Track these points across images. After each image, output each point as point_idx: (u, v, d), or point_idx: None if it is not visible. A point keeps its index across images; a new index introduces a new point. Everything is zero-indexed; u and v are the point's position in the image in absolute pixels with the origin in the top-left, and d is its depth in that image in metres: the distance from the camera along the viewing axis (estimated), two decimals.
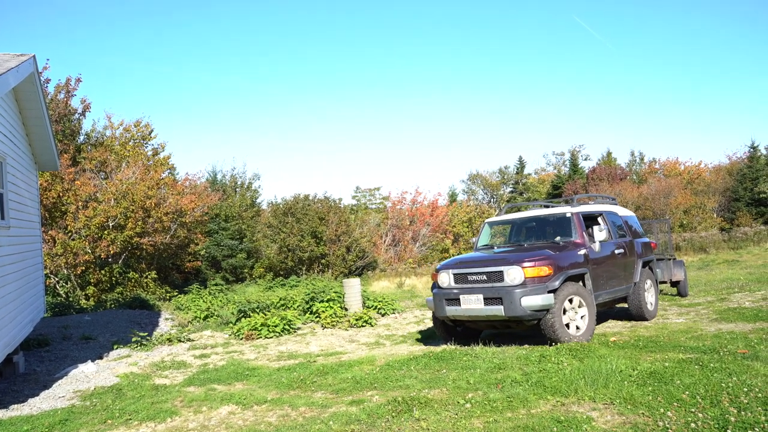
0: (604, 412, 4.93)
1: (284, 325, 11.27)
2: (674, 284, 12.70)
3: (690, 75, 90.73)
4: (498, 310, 7.91)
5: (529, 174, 61.48)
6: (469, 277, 8.32)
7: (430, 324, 11.42)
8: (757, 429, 4.13)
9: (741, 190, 41.16)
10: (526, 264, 7.92)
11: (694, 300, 11.88)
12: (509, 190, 60.61)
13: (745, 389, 5.05)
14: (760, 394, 4.89)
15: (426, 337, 10.02)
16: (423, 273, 27.12)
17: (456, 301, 8.30)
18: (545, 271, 7.90)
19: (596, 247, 8.94)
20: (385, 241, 35.20)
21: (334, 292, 12.92)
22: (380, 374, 7.13)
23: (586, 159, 57.21)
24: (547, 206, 11.02)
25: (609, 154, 51.46)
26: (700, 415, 4.55)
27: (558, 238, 9.10)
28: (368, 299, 13.15)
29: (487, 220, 10.53)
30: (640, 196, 35.90)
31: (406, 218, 37.42)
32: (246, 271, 28.67)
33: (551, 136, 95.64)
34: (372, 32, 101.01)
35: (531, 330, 8.60)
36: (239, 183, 36.50)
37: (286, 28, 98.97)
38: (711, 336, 7.86)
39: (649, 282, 10.21)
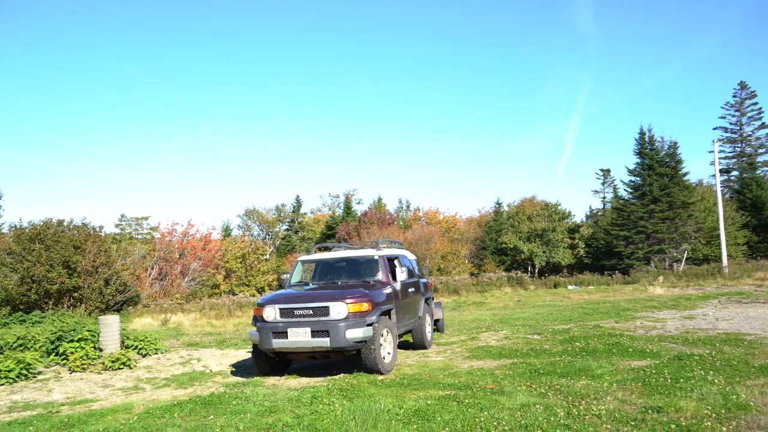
0: None
1: (21, 369, 9.67)
2: (434, 323, 13.73)
3: (453, 134, 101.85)
4: (324, 342, 8.42)
5: (306, 213, 62.62)
6: (296, 312, 8.70)
7: (197, 365, 10.72)
8: None
9: (488, 240, 46.74)
10: (348, 300, 8.59)
11: (450, 339, 12.93)
12: (285, 227, 60.95)
13: (495, 423, 5.55)
14: (506, 427, 5.40)
15: (192, 380, 9.36)
16: (191, 309, 25.66)
17: (283, 334, 8.61)
18: (365, 306, 8.66)
19: (398, 286, 10.06)
20: (150, 275, 32.73)
21: (87, 331, 11.48)
22: (138, 424, 6.44)
23: (359, 203, 60.15)
24: (349, 248, 11.99)
25: (380, 199, 54.77)
26: None
27: (370, 278, 9.94)
28: (128, 338, 11.92)
29: (299, 259, 11.14)
30: (406, 240, 38.67)
31: (175, 251, 35.33)
32: None
33: (328, 178, 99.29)
34: (162, 55, 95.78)
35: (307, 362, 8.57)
36: None
37: (53, 28, 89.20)
38: (465, 373, 8.57)
39: (428, 316, 11.68)
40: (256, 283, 41.00)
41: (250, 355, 11.72)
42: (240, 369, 10.26)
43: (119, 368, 10.40)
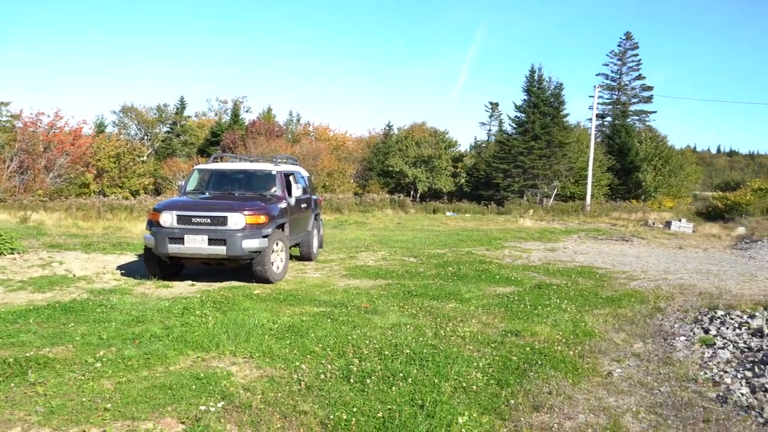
0: (243, 367, 5.01)
1: None
2: None
3: (350, 52, 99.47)
4: (221, 250, 8.76)
5: (190, 116, 59.50)
6: (194, 219, 8.92)
7: (59, 268, 10.07)
8: (373, 377, 4.69)
9: (375, 162, 47.11)
10: (246, 212, 8.96)
11: (329, 256, 13.06)
12: (166, 129, 57.70)
13: (366, 341, 5.72)
14: (377, 345, 5.59)
15: (52, 284, 8.78)
16: (55, 208, 23.91)
17: (180, 240, 8.81)
18: (262, 219, 9.07)
19: (292, 201, 10.49)
20: (9, 167, 29.95)
21: None
22: None
23: (247, 111, 58.07)
24: (242, 160, 12.44)
25: (269, 110, 53.04)
26: (329, 366, 4.98)
27: (267, 192, 10.29)
28: None
29: (196, 167, 11.33)
30: (293, 155, 38.00)
31: (40, 143, 32.41)
32: None
33: (216, 82, 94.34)
34: None
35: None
36: None
37: None
38: (341, 291, 8.73)
39: (315, 231, 12.27)
40: (130, 186, 38.88)
41: (119, 260, 11.20)
42: (106, 275, 9.77)
43: None
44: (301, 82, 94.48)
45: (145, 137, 55.69)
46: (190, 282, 9.30)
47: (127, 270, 10.29)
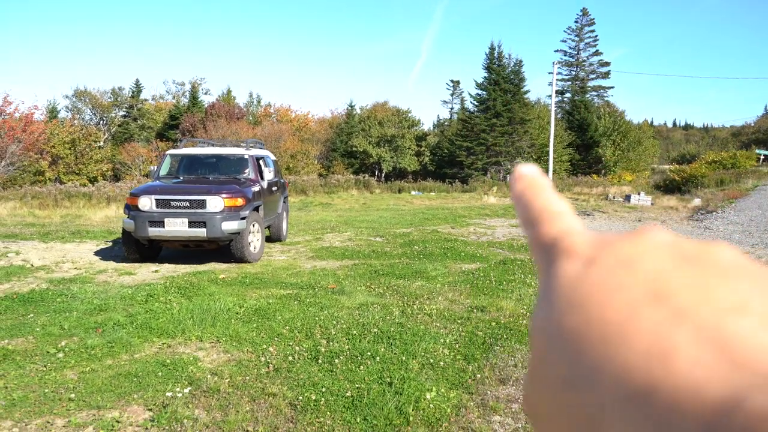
0: (210, 352, 4.97)
1: None
2: None
3: (309, 31, 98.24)
4: (201, 232, 9.05)
5: (146, 100, 58.07)
6: (173, 203, 9.16)
7: (15, 259, 9.77)
8: (342, 357, 4.72)
9: (338, 142, 46.88)
10: (224, 195, 9.25)
11: (295, 239, 13.00)
12: (122, 114, 56.25)
13: (334, 321, 5.74)
14: (344, 325, 5.61)
15: (9, 275, 8.53)
16: (9, 197, 23.14)
17: (160, 223, 9.04)
18: (240, 201, 9.38)
19: (264, 184, 10.84)
20: None
21: None
22: None
23: (206, 93, 57.06)
24: (213, 145, 12.54)
25: (229, 92, 52.13)
26: (297, 348, 4.98)
27: (240, 176, 10.54)
28: None
29: (168, 152, 11.58)
30: (255, 137, 37.50)
31: None
32: None
33: (172, 64, 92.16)
34: None
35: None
36: None
37: None
38: (308, 272, 8.71)
39: (285, 213, 12.64)
40: (88, 172, 37.89)
41: (79, 249, 10.94)
42: (66, 264, 9.54)
43: None
44: (260, 62, 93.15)
45: (101, 122, 54.19)
46: (153, 268, 9.16)
47: (88, 258, 10.07)
